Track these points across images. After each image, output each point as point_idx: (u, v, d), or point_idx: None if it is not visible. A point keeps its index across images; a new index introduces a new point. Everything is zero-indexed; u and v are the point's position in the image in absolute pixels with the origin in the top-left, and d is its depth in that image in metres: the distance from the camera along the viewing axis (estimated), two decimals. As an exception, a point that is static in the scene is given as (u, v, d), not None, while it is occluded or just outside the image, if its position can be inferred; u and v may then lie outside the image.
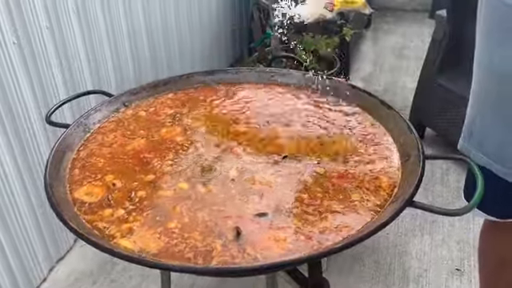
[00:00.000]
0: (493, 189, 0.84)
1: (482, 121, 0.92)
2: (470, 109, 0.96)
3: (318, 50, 2.12)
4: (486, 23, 0.86)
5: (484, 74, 0.89)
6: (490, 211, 0.97)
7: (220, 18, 2.67)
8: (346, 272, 1.63)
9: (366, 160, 0.91)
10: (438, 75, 2.10)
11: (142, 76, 1.97)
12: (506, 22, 0.80)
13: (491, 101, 0.89)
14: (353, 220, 0.75)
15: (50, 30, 1.46)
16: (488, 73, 0.88)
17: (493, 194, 0.86)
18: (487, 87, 0.89)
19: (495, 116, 0.88)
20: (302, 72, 1.18)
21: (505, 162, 0.87)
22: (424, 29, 3.54)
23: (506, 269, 1.06)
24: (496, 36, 0.84)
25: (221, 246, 0.71)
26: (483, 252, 1.12)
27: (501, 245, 1.05)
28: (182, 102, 1.10)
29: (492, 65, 0.85)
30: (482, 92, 0.91)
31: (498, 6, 0.81)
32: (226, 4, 2.71)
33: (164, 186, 0.84)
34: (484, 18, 0.87)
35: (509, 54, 0.81)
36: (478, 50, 0.92)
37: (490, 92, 0.88)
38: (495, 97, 0.87)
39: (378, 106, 1.03)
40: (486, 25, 0.86)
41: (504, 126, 0.87)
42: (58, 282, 1.59)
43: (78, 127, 0.97)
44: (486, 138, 0.91)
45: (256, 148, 0.95)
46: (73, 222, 0.70)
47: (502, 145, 0.87)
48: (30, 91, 1.42)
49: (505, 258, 1.05)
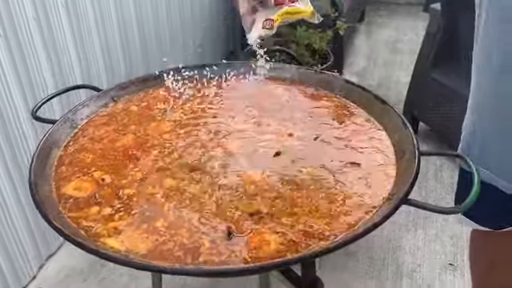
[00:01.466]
0: (489, 202, 0.82)
1: (482, 132, 0.88)
2: (469, 120, 0.93)
3: (311, 44, 2.10)
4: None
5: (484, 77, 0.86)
6: (484, 223, 0.95)
7: (212, 11, 2.64)
8: (340, 268, 1.62)
9: (361, 156, 0.89)
10: (432, 69, 2.09)
11: (134, 70, 1.94)
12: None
13: (491, 110, 0.86)
14: (347, 218, 0.73)
15: (37, 21, 1.42)
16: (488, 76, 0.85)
17: (488, 207, 0.84)
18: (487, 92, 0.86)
19: (495, 127, 0.85)
20: (295, 66, 1.16)
21: (506, 175, 0.85)
22: (418, 22, 3.53)
23: (497, 272, 1.05)
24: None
25: (209, 244, 0.69)
26: (474, 256, 1.12)
27: (491, 249, 1.04)
28: (174, 97, 1.07)
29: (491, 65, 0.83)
30: (482, 100, 0.87)
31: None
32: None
33: (152, 183, 0.82)
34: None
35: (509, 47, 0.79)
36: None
37: (490, 98, 0.85)
38: (495, 103, 0.84)
39: (372, 100, 1.01)
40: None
41: (504, 137, 0.84)
42: (47, 280, 1.57)
43: (64, 123, 0.94)
44: (486, 151, 0.87)
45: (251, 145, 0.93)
46: (57, 221, 0.68)
47: (503, 156, 0.85)
48: (18, 86, 1.38)
49: (495, 262, 1.04)
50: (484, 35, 0.84)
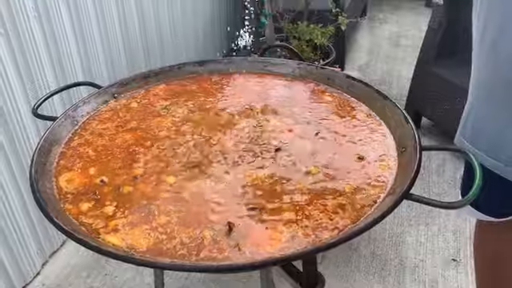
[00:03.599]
0: (490, 189, 0.82)
1: (476, 113, 0.90)
2: (467, 102, 0.94)
3: (313, 40, 2.09)
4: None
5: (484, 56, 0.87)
6: (487, 211, 0.96)
7: (214, 7, 2.63)
8: (342, 263, 1.62)
9: (362, 151, 0.88)
10: (435, 64, 2.08)
11: (135, 67, 1.94)
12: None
13: (488, 87, 0.86)
14: (349, 213, 0.73)
15: (38, 19, 1.42)
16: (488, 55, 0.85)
17: (490, 194, 0.84)
18: (486, 72, 0.86)
19: (490, 106, 0.86)
20: (296, 62, 1.16)
21: (499, 155, 0.85)
22: (420, 18, 3.51)
23: (501, 264, 1.05)
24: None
25: (210, 240, 0.69)
26: (478, 248, 1.11)
27: (496, 241, 1.04)
28: (175, 94, 1.07)
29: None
30: (481, 78, 0.88)
31: None
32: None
33: (154, 180, 0.82)
34: None
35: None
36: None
37: (489, 77, 0.86)
38: (493, 81, 0.85)
39: (373, 96, 1.01)
40: None
41: (498, 117, 0.84)
42: (51, 276, 1.57)
43: (65, 120, 0.94)
44: (480, 132, 0.89)
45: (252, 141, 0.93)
46: (58, 218, 0.68)
47: (497, 137, 0.85)
48: (19, 83, 1.38)
49: (500, 254, 1.04)
50: (480, 10, 0.84)
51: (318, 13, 2.17)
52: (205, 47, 2.57)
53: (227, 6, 2.78)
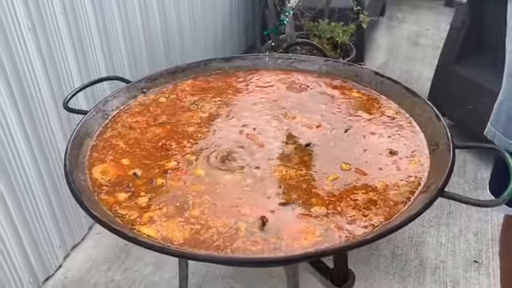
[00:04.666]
0: None
1: (510, 102, 0.89)
2: (500, 92, 0.93)
3: (333, 38, 2.09)
4: None
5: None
6: None
7: (233, 5, 2.63)
8: (361, 262, 1.61)
9: (393, 148, 0.88)
10: (457, 64, 2.06)
11: (157, 64, 1.95)
12: None
13: None
14: (382, 210, 0.73)
15: (65, 15, 1.44)
16: None
17: None
18: None
19: None
20: (323, 58, 1.15)
21: None
22: (440, 17, 3.47)
23: None
24: None
25: (245, 232, 0.69)
26: (505, 242, 1.10)
27: None
28: (203, 89, 1.08)
29: None
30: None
31: None
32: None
33: (184, 173, 0.82)
34: None
35: None
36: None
37: None
38: None
39: (402, 93, 1.00)
40: None
41: None
42: (73, 269, 1.59)
43: (96, 113, 0.95)
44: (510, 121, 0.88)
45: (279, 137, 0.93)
46: (95, 210, 0.68)
47: None
48: (45, 77, 1.40)
49: None
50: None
51: (338, 11, 2.16)
52: (224, 43, 2.57)
53: (246, 2, 2.78)
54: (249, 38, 2.91)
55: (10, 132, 1.30)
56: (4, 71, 1.25)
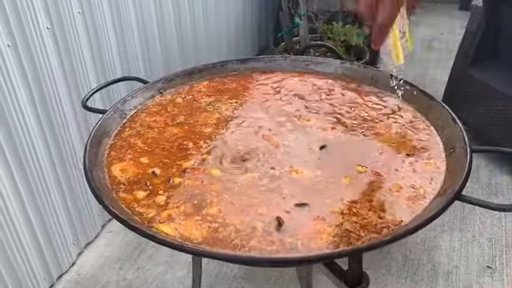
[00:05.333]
0: None
1: None
2: None
3: (347, 40, 2.09)
4: None
5: None
6: None
7: (246, 7, 2.65)
8: (374, 266, 1.61)
9: (410, 151, 0.88)
10: (472, 68, 2.04)
11: (171, 64, 1.97)
12: None
13: None
14: (399, 212, 0.73)
15: (82, 15, 1.46)
16: None
17: None
18: None
19: None
20: (339, 60, 1.16)
21: None
22: (454, 21, 3.45)
23: None
24: None
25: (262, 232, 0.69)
26: None
27: None
28: (219, 90, 1.09)
29: None
30: None
31: None
32: (253, -7, 2.69)
33: (202, 173, 0.83)
34: None
35: None
36: None
37: None
38: None
39: (419, 96, 1.00)
40: None
41: None
42: (86, 266, 1.61)
43: (114, 113, 0.96)
44: None
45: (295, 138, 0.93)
46: (115, 208, 0.69)
47: None
48: (62, 77, 1.42)
49: None
50: None
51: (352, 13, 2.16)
52: (237, 43, 2.58)
53: (260, 5, 2.79)
54: (262, 39, 2.92)
55: (27, 129, 1.32)
56: (23, 69, 1.27)
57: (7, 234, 1.30)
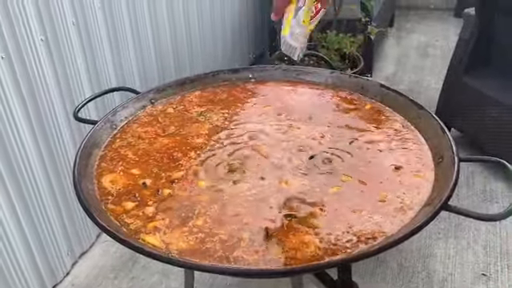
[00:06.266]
0: None
1: None
2: None
3: (341, 49, 2.10)
4: None
5: None
6: None
7: (242, 17, 2.66)
8: (368, 274, 1.60)
9: (397, 160, 0.88)
10: (465, 75, 2.05)
11: (166, 74, 1.98)
12: None
13: None
14: (386, 222, 0.73)
15: (76, 26, 1.47)
16: None
17: None
18: None
19: None
20: (329, 70, 1.16)
21: None
22: (449, 27, 3.48)
23: None
24: None
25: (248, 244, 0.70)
26: None
27: None
28: (210, 100, 1.09)
29: None
30: None
31: None
32: (248, 2, 2.70)
33: (190, 184, 0.83)
34: None
35: None
36: None
37: None
38: None
39: (408, 105, 1.00)
40: None
41: None
42: (81, 277, 1.61)
43: (105, 124, 0.97)
44: None
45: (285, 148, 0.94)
46: (102, 219, 0.70)
47: None
48: (56, 87, 1.43)
49: None
50: None
51: (347, 22, 2.18)
52: (233, 51, 2.60)
53: (255, 14, 2.81)
54: (258, 47, 2.93)
55: (21, 140, 1.32)
56: (17, 81, 1.28)
57: (0, 245, 1.30)
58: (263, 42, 2.93)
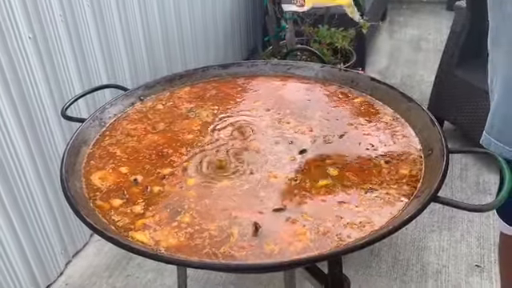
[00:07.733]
0: None
1: (502, 109, 0.89)
2: (494, 99, 0.93)
3: (333, 43, 2.09)
4: None
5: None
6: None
7: (234, 12, 2.65)
8: (363, 268, 1.61)
9: (388, 153, 0.88)
10: (457, 68, 2.06)
11: (157, 70, 1.97)
12: None
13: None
14: (375, 215, 0.73)
15: (65, 22, 1.45)
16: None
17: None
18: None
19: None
20: (320, 64, 1.16)
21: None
22: (442, 21, 3.48)
23: None
24: None
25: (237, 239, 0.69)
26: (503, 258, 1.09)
27: None
28: (199, 96, 1.09)
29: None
30: (504, 75, 0.88)
31: None
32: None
33: (180, 180, 0.83)
34: None
35: None
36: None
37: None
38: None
39: (398, 98, 1.00)
40: None
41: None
42: (74, 276, 1.60)
43: (93, 121, 0.96)
44: (506, 126, 0.88)
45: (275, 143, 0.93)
46: (90, 217, 0.69)
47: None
48: (46, 86, 1.42)
49: None
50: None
51: (338, 16, 2.17)
52: (225, 48, 2.59)
53: (247, 9, 2.80)
54: (250, 44, 2.92)
55: (11, 140, 1.31)
56: (5, 80, 1.27)
57: (-8, 246, 1.30)
58: (256, 38, 2.92)
